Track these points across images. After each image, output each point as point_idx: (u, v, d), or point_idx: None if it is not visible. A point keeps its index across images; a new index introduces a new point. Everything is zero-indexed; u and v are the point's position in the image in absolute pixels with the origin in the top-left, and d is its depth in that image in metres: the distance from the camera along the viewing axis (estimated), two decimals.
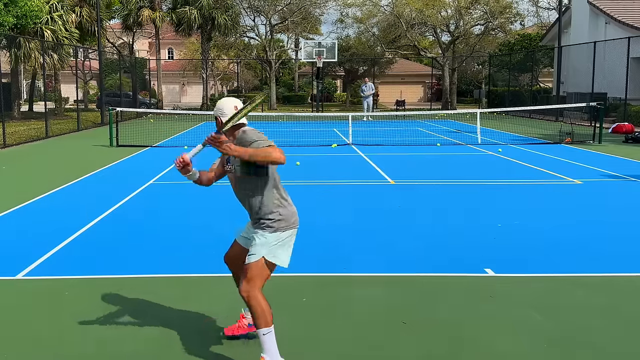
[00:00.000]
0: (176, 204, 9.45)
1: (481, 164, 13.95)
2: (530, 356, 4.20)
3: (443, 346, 4.36)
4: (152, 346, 4.37)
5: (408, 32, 40.30)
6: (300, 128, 23.90)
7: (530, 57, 34.75)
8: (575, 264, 6.26)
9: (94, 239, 7.27)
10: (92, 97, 48.04)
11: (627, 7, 28.45)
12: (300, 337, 4.52)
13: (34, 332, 4.62)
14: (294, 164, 13.44)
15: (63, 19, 28.33)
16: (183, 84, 61.52)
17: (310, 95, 48.38)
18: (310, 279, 5.80)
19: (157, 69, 41.87)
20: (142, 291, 5.48)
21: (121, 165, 13.81)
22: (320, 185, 11.08)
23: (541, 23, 50.83)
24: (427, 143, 18.16)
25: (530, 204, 9.33)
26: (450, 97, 41.88)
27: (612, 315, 4.93)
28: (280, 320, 4.83)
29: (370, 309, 5.05)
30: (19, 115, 29.01)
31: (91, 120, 28.58)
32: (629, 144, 17.70)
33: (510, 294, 5.39)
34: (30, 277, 5.89)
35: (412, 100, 53.59)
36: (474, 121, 23.82)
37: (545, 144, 17.97)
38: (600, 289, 5.54)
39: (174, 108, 42.63)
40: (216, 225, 7.99)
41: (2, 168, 13.60)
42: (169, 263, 6.32)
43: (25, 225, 8.07)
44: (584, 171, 12.44)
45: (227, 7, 39.44)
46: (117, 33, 47.85)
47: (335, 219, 8.24)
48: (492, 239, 7.21)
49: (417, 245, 6.92)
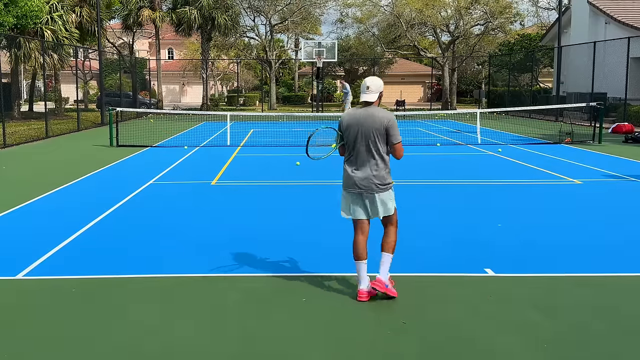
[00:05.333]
0: (176, 204, 9.45)
1: (481, 164, 13.95)
2: (530, 356, 4.20)
3: (443, 346, 4.36)
4: (155, 346, 4.38)
5: (408, 32, 40.32)
6: (300, 128, 23.90)
7: (530, 57, 34.76)
8: (575, 264, 6.26)
9: (94, 239, 7.27)
10: (92, 97, 48.06)
11: (627, 7, 28.46)
12: (300, 337, 4.52)
13: (33, 332, 4.62)
14: (294, 164, 13.45)
15: (63, 19, 28.33)
16: (183, 84, 61.53)
17: (310, 95, 48.39)
18: (310, 279, 5.80)
19: (157, 69, 41.89)
20: (142, 291, 5.49)
21: (121, 165, 13.81)
22: (320, 186, 11.08)
23: (541, 23, 50.89)
24: (427, 143, 18.17)
25: (530, 204, 9.33)
26: (450, 97, 41.89)
27: (612, 315, 4.92)
28: (280, 320, 4.84)
29: (370, 309, 5.05)
30: (19, 115, 29.02)
31: (91, 120, 28.59)
32: (629, 144, 17.70)
33: (510, 294, 5.39)
34: (30, 277, 5.89)
35: (412, 100, 53.57)
36: (474, 121, 23.83)
37: (545, 144, 17.97)
38: (600, 289, 5.54)
39: (174, 108, 42.63)
40: (216, 225, 7.99)
41: (2, 168, 13.61)
42: (169, 263, 6.32)
43: (25, 225, 8.07)
44: (584, 171, 12.44)
45: (227, 7, 39.44)
46: (117, 33, 47.86)
47: (335, 219, 8.23)
48: (492, 238, 7.21)
49: (417, 245, 6.92)
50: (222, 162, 14.11)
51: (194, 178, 11.74)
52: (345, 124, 5.20)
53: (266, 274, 5.92)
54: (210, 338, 4.50)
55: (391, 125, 5.05)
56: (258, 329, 4.65)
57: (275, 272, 6.00)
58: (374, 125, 5.05)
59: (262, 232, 7.52)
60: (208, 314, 4.95)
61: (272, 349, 4.31)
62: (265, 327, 4.68)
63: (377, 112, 5.09)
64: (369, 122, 5.06)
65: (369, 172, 5.10)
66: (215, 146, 17.77)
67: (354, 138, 5.12)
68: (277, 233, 7.50)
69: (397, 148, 5.13)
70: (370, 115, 5.08)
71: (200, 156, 15.51)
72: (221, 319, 4.85)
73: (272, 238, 7.25)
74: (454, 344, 4.39)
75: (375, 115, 5.07)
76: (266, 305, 5.13)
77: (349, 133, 5.16)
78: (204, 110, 36.26)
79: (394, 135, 5.07)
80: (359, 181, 5.12)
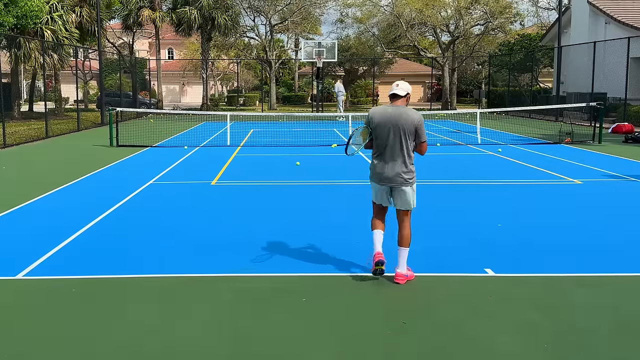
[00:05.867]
0: (176, 204, 9.45)
1: (481, 164, 13.95)
2: (530, 356, 4.20)
3: (443, 346, 4.36)
4: (156, 346, 4.37)
5: (408, 32, 40.31)
6: (300, 128, 23.91)
7: (530, 57, 34.75)
8: (575, 264, 6.26)
9: (94, 239, 7.27)
10: (92, 97, 48.07)
11: (627, 7, 28.46)
12: (300, 337, 4.52)
13: (33, 332, 4.62)
14: (294, 164, 13.45)
15: (63, 19, 28.33)
16: (183, 84, 61.53)
17: (310, 95, 48.39)
18: (310, 279, 5.80)
19: (157, 69, 41.89)
20: (142, 291, 5.49)
21: (121, 165, 13.81)
22: (320, 186, 11.08)
23: (541, 23, 50.89)
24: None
25: (530, 204, 9.33)
26: (450, 97, 41.89)
27: (612, 315, 4.92)
28: (280, 320, 4.84)
29: (371, 309, 5.05)
30: (19, 115, 29.02)
31: (91, 120, 28.59)
32: (629, 144, 17.70)
33: (510, 294, 5.39)
34: (30, 277, 5.89)
35: (412, 100, 53.57)
36: (474, 121, 23.83)
37: (545, 144, 17.97)
38: (600, 289, 5.54)
39: (174, 108, 42.63)
40: (216, 225, 7.99)
41: (2, 168, 13.61)
42: (169, 263, 6.32)
43: (25, 225, 8.07)
44: (584, 171, 12.44)
45: (227, 7, 39.44)
46: (117, 33, 47.86)
47: (335, 219, 8.24)
48: (492, 238, 7.21)
49: (417, 245, 6.91)
50: (222, 162, 14.11)
51: (194, 178, 11.74)
52: (376, 120, 5.55)
53: (266, 274, 5.92)
54: (211, 338, 4.50)
55: (421, 125, 5.50)
56: (258, 329, 4.65)
57: (275, 272, 6.00)
58: (406, 124, 5.44)
59: (262, 232, 7.52)
60: (208, 313, 4.95)
61: (272, 349, 4.31)
62: (265, 327, 4.68)
63: (409, 111, 5.50)
64: (402, 121, 5.44)
65: (399, 167, 5.51)
66: (215, 146, 17.78)
67: (386, 134, 5.49)
68: (277, 233, 7.50)
69: (424, 146, 5.60)
70: (403, 114, 5.47)
71: (200, 156, 15.51)
72: (221, 319, 4.85)
73: (272, 238, 7.25)
74: (454, 344, 4.40)
75: (407, 114, 5.47)
76: (266, 305, 5.13)
77: (380, 130, 5.52)
78: (204, 110, 36.26)
79: (422, 134, 5.52)
80: (389, 175, 5.53)
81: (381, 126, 5.49)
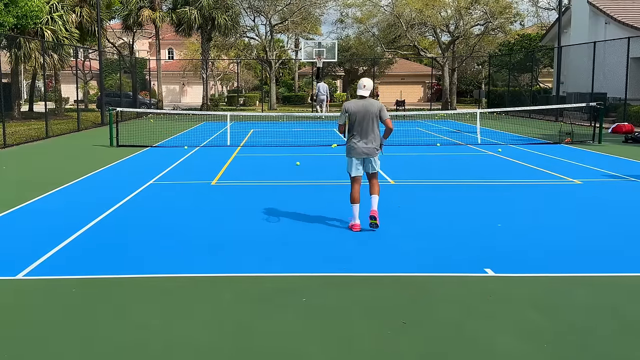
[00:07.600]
0: (176, 204, 9.45)
1: (481, 164, 13.95)
2: (530, 356, 4.21)
3: (443, 346, 4.37)
4: (156, 346, 4.38)
5: (408, 32, 40.32)
6: (300, 128, 23.92)
7: (530, 57, 34.75)
8: (575, 264, 6.26)
9: (94, 239, 7.27)
10: (92, 97, 48.08)
11: (627, 7, 28.46)
12: (300, 337, 4.53)
13: (34, 332, 4.62)
14: (294, 164, 13.45)
15: (63, 19, 28.32)
16: (183, 84, 61.53)
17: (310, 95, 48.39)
18: (310, 279, 5.80)
19: (157, 69, 41.89)
20: (142, 291, 5.49)
21: (121, 165, 13.81)
22: (320, 186, 11.08)
23: (541, 23, 50.88)
24: (427, 143, 18.17)
25: (530, 204, 9.33)
26: (450, 97, 41.89)
27: (612, 315, 4.93)
28: (280, 320, 4.84)
29: (370, 309, 5.06)
30: (19, 115, 29.02)
31: (91, 120, 28.60)
32: (628, 144, 17.71)
33: (510, 294, 5.39)
34: (31, 277, 5.89)
35: (412, 100, 53.59)
36: (474, 121, 23.84)
37: (545, 144, 17.97)
38: (600, 289, 5.54)
39: (174, 108, 42.64)
40: (216, 225, 7.99)
41: (2, 168, 13.61)
42: (169, 263, 6.32)
43: (25, 225, 8.07)
44: (584, 171, 12.45)
45: (227, 7, 39.44)
46: (117, 33, 47.86)
47: (335, 219, 8.24)
48: (492, 238, 7.21)
49: (417, 245, 6.92)
50: (222, 162, 14.11)
51: (194, 178, 11.74)
52: (352, 110, 7.50)
53: (266, 274, 5.92)
54: (211, 338, 4.50)
55: (382, 108, 7.58)
56: (258, 329, 4.66)
57: (275, 272, 6.01)
58: (373, 110, 7.47)
59: (262, 232, 7.53)
60: (208, 313, 4.96)
61: (271, 349, 4.31)
62: (265, 327, 4.68)
63: (373, 102, 7.61)
64: (371, 108, 7.47)
65: (372, 143, 7.48)
66: (215, 146, 17.78)
67: (360, 119, 7.44)
68: (277, 233, 7.51)
69: (388, 122, 7.53)
70: (370, 104, 7.52)
71: (200, 156, 15.51)
72: (221, 318, 4.86)
73: (272, 238, 7.26)
74: (454, 344, 4.40)
75: (372, 104, 7.54)
76: (266, 305, 5.13)
77: (355, 116, 7.46)
78: (204, 111, 36.27)
79: (384, 114, 7.55)
80: (365, 149, 7.46)
81: (357, 114, 7.44)
